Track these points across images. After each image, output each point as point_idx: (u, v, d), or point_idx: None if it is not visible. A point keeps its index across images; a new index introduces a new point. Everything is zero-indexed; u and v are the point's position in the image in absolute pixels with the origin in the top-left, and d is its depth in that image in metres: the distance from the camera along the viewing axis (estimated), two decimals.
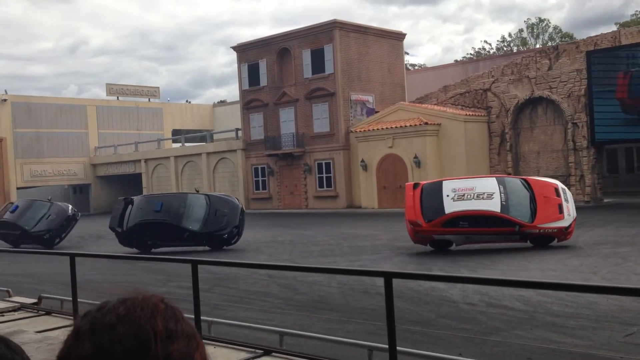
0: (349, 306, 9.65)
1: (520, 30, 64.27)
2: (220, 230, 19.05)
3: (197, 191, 23.25)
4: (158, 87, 55.44)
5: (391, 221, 21.92)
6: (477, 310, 8.77)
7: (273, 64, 38.39)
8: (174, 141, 51.10)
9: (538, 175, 31.14)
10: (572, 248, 14.97)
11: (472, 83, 33.12)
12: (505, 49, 62.79)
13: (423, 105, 33.55)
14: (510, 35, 66.13)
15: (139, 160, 46.48)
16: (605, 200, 29.30)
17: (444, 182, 16.61)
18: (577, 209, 16.37)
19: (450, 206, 15.53)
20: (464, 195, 15.68)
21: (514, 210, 15.50)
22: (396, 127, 31.82)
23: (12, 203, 26.17)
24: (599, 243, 15.39)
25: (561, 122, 29.94)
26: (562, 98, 29.58)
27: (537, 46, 57.19)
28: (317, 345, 6.82)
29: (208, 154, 42.01)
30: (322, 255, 16.34)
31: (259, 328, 7.43)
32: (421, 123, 31.10)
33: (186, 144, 46.46)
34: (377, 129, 32.61)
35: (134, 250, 18.81)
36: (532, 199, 15.89)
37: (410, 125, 31.33)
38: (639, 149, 31.96)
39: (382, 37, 37.95)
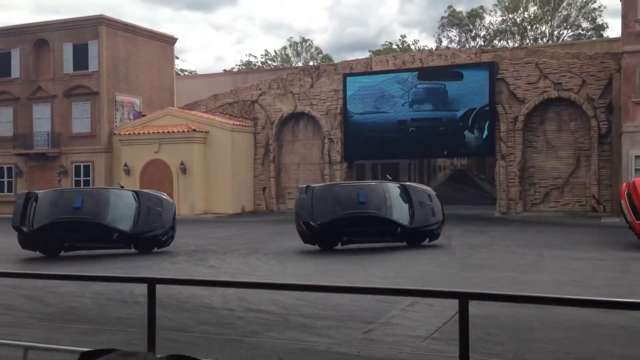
0: (104, 316, 9.24)
1: (284, 48, 67.92)
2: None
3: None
4: None
5: None
6: (236, 315, 9.06)
7: (28, 55, 35.01)
8: None
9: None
10: (321, 254, 16.24)
11: (241, 94, 34.02)
12: (270, 63, 65.67)
13: (192, 112, 33.50)
14: (274, 51, 69.36)
15: None
16: None
17: None
18: None
19: None
20: None
21: None
22: (163, 132, 31.25)
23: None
24: (347, 250, 16.92)
25: (319, 137, 32.28)
26: (321, 115, 31.92)
27: (299, 64, 60.92)
28: (67, 359, 6.42)
29: None
30: (75, 263, 15.32)
31: None
32: (189, 130, 31.01)
33: None
34: (143, 133, 31.67)
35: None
36: None
37: (178, 132, 31.04)
38: (383, 165, 36.08)
39: (152, 39, 37.02)
